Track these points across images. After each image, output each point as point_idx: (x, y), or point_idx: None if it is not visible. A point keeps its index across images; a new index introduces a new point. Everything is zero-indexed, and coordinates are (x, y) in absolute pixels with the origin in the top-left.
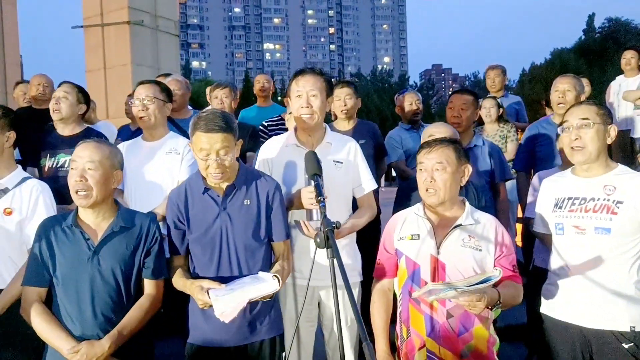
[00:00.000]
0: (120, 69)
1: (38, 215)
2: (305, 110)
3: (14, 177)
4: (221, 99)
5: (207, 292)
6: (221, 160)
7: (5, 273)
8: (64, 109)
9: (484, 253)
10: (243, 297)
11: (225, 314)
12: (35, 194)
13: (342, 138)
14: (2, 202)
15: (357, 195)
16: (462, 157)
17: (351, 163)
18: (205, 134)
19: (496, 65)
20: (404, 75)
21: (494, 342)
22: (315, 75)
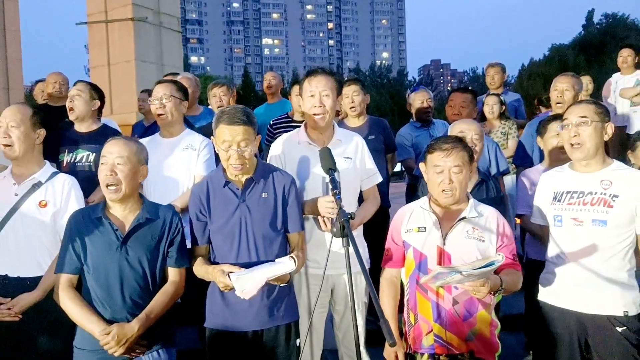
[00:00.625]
0: (124, 66)
1: (71, 207)
2: (319, 110)
3: (45, 172)
4: (219, 97)
5: (228, 275)
6: (242, 151)
7: (42, 261)
8: (77, 106)
9: (486, 243)
10: (262, 276)
11: (245, 291)
12: (67, 187)
13: (349, 134)
14: (37, 195)
15: (363, 187)
16: (472, 156)
17: (359, 158)
18: (228, 126)
19: (496, 63)
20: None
21: (496, 325)
22: (326, 75)
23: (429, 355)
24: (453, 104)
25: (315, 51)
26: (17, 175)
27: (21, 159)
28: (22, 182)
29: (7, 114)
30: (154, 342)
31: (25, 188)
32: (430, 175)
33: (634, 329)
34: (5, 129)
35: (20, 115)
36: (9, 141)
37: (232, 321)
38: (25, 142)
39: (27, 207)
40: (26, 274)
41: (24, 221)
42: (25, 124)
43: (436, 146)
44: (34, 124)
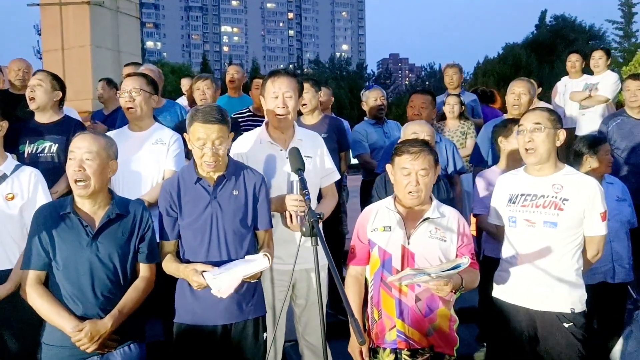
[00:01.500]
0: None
1: (39, 200)
2: (282, 111)
3: (9, 164)
4: (203, 91)
5: (201, 274)
6: (216, 149)
7: (11, 254)
8: (39, 96)
9: (448, 243)
10: (238, 274)
11: (222, 290)
12: (33, 180)
13: (309, 133)
14: (2, 188)
15: (322, 185)
16: (436, 160)
17: (318, 156)
18: (202, 124)
19: (454, 64)
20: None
21: (455, 321)
22: (289, 77)
23: (391, 350)
24: (413, 105)
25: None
26: None
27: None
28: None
29: None
30: (125, 337)
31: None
32: (397, 177)
33: (579, 324)
34: None
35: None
36: None
37: (202, 316)
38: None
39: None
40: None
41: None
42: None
43: (404, 149)
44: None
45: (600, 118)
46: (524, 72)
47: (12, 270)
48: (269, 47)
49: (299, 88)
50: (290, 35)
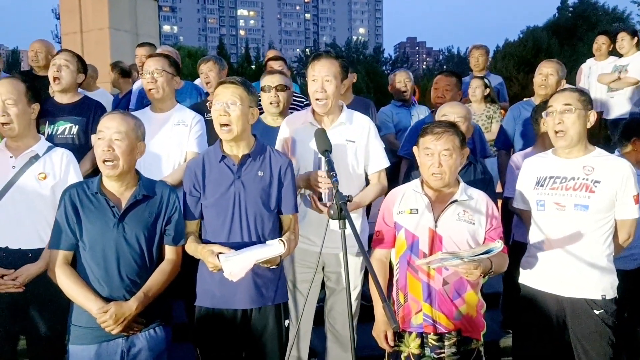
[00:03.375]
0: (97, 33)
1: (70, 180)
2: (320, 95)
3: (41, 145)
4: (206, 73)
5: (217, 256)
6: (227, 107)
7: (42, 233)
8: (64, 77)
9: (476, 226)
10: (250, 258)
11: (233, 273)
12: (65, 160)
13: (356, 116)
14: (35, 168)
15: (368, 172)
16: (463, 142)
17: (364, 141)
18: (221, 86)
19: (480, 45)
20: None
21: (482, 305)
22: (330, 60)
23: (417, 334)
24: (437, 87)
25: (291, 24)
26: (12, 149)
27: (19, 134)
28: (19, 155)
29: (2, 90)
30: (151, 319)
31: (23, 161)
32: (421, 158)
33: (610, 311)
34: (3, 107)
35: (16, 92)
36: (7, 119)
37: (222, 300)
38: (23, 119)
39: (26, 180)
40: (27, 246)
41: (24, 193)
42: (22, 100)
43: (428, 130)
44: (29, 100)
45: (629, 101)
46: (545, 55)
47: (42, 249)
48: (285, 31)
49: (341, 71)
50: (307, 19)
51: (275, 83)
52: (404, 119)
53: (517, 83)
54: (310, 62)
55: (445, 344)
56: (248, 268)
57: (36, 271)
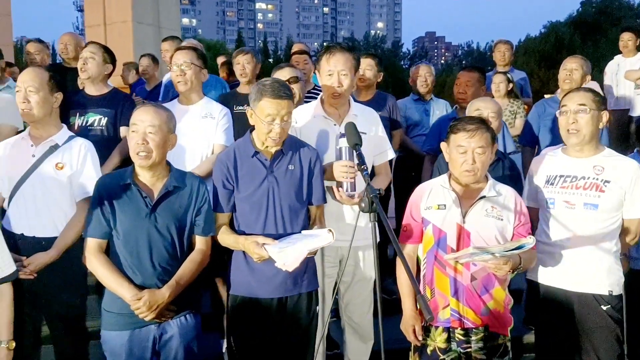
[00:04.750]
0: (120, 26)
1: (87, 170)
2: (337, 90)
3: (62, 135)
4: (243, 65)
5: (263, 247)
6: (285, 125)
7: (57, 222)
8: (90, 68)
9: (504, 222)
10: (303, 249)
11: (287, 264)
12: (83, 151)
13: (365, 109)
14: (54, 158)
15: (376, 163)
16: (493, 138)
17: (373, 133)
18: (272, 100)
19: (506, 40)
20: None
21: (509, 301)
22: (345, 53)
23: (443, 328)
24: (459, 83)
25: (310, 18)
26: (34, 137)
27: (39, 122)
28: (39, 143)
29: (25, 79)
30: (182, 307)
31: (43, 150)
32: (452, 155)
33: (617, 307)
34: (25, 94)
35: (38, 80)
36: (28, 106)
37: (257, 289)
38: (44, 107)
39: (45, 169)
40: (42, 234)
41: (41, 182)
42: (43, 88)
43: (460, 126)
44: (51, 88)
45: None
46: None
47: (56, 237)
48: (303, 25)
49: (356, 64)
50: (325, 13)
51: (286, 77)
52: (415, 114)
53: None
54: (323, 55)
55: (472, 338)
56: (302, 258)
57: (47, 260)
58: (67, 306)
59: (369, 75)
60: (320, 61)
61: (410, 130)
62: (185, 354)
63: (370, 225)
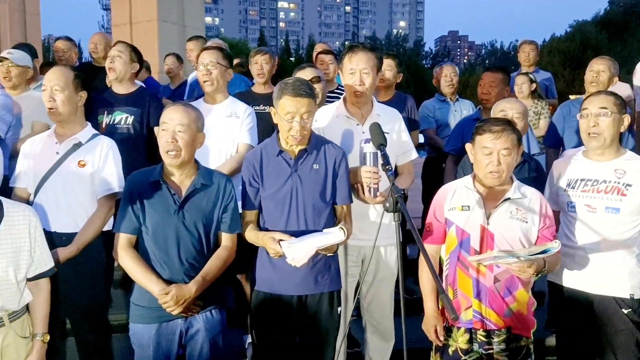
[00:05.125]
0: (146, 25)
1: (108, 168)
2: (359, 88)
3: (86, 133)
4: (261, 65)
5: (278, 243)
6: (304, 123)
7: (78, 219)
8: (118, 67)
9: (529, 224)
10: (312, 245)
11: (296, 259)
12: (105, 149)
13: (388, 109)
14: (77, 155)
15: (398, 163)
16: (519, 139)
17: (396, 133)
18: (293, 98)
19: (531, 41)
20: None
21: (533, 304)
22: (367, 52)
23: (466, 329)
24: (483, 83)
25: (332, 17)
26: (59, 135)
27: (64, 120)
28: (63, 141)
29: (51, 77)
30: (208, 303)
31: (66, 147)
32: (477, 156)
33: (638, 311)
34: (51, 93)
35: (64, 79)
36: (53, 104)
37: (279, 285)
38: (69, 105)
39: (67, 166)
40: (62, 230)
41: (64, 179)
42: (69, 87)
43: (486, 128)
44: (76, 87)
45: None
46: (593, 51)
47: (76, 233)
48: (325, 24)
49: (378, 63)
50: (347, 12)
51: (309, 76)
52: (444, 115)
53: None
54: (346, 54)
55: (494, 340)
56: (310, 254)
57: (67, 255)
58: (86, 299)
59: (389, 75)
60: (343, 60)
61: (440, 131)
62: (211, 348)
63: (392, 224)
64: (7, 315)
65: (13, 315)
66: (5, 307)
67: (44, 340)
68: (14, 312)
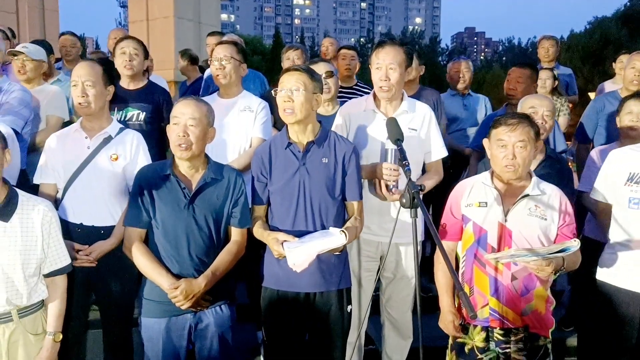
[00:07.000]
0: (162, 22)
1: (140, 161)
2: (384, 84)
3: (114, 127)
4: (293, 61)
5: (281, 244)
6: (290, 92)
7: (113, 212)
8: (136, 65)
9: (548, 222)
10: (312, 250)
11: (296, 264)
12: (135, 142)
13: (418, 105)
14: (108, 149)
15: (426, 160)
16: (537, 134)
17: (425, 130)
18: (286, 73)
19: (551, 36)
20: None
21: (552, 302)
22: (395, 47)
23: (482, 327)
24: (510, 79)
25: (347, 14)
26: (87, 130)
27: (94, 114)
28: (93, 136)
29: (82, 73)
30: (217, 298)
31: (97, 142)
32: (493, 150)
33: None
34: (82, 89)
35: (94, 74)
36: (86, 100)
37: (286, 282)
38: (100, 100)
39: (100, 160)
40: (99, 224)
41: (97, 173)
42: (99, 82)
43: (502, 121)
44: (105, 82)
45: None
46: (614, 47)
47: (113, 226)
48: (340, 20)
49: (406, 59)
50: (363, 8)
51: (322, 71)
52: (454, 109)
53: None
54: (374, 49)
55: (511, 339)
56: (311, 259)
57: (108, 247)
58: (120, 293)
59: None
60: (372, 56)
61: (449, 125)
62: (220, 343)
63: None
64: (17, 310)
65: (23, 310)
66: (12, 301)
67: (55, 339)
68: (25, 307)
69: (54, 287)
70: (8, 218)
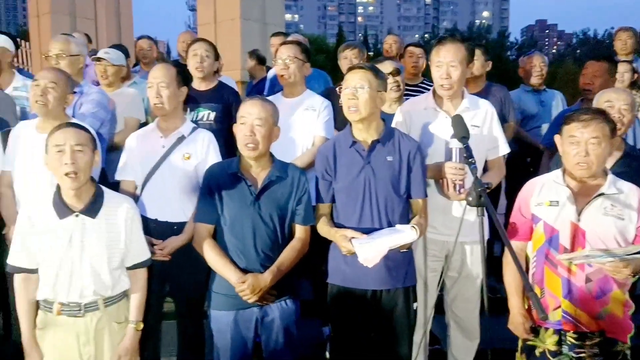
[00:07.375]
0: (229, 23)
1: (210, 159)
2: (445, 82)
3: (187, 127)
4: (350, 60)
5: (350, 241)
6: (355, 90)
7: (185, 208)
8: (207, 67)
9: (626, 222)
10: (384, 245)
11: (367, 259)
12: (207, 141)
13: (479, 102)
14: (182, 148)
15: (489, 157)
16: (613, 130)
17: (487, 127)
18: (350, 72)
19: (629, 27)
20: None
21: (630, 306)
22: (456, 44)
23: (554, 330)
24: (586, 73)
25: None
26: (163, 129)
27: (168, 114)
28: (168, 135)
29: (157, 75)
30: (282, 293)
31: (171, 141)
32: (565, 147)
33: None
34: (157, 89)
35: (169, 75)
36: (160, 100)
37: (352, 279)
38: (173, 100)
39: (174, 159)
40: (173, 219)
41: (171, 171)
42: (173, 83)
43: (574, 117)
44: (179, 83)
45: None
46: None
47: (185, 222)
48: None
49: (468, 56)
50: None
51: (389, 69)
52: (530, 106)
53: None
54: (434, 46)
55: (586, 343)
56: (382, 254)
57: (180, 243)
58: (193, 286)
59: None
60: (432, 53)
61: (526, 122)
62: (285, 336)
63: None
64: (103, 300)
65: (109, 300)
66: (99, 292)
67: (137, 327)
68: (109, 297)
69: (136, 279)
70: (95, 215)
